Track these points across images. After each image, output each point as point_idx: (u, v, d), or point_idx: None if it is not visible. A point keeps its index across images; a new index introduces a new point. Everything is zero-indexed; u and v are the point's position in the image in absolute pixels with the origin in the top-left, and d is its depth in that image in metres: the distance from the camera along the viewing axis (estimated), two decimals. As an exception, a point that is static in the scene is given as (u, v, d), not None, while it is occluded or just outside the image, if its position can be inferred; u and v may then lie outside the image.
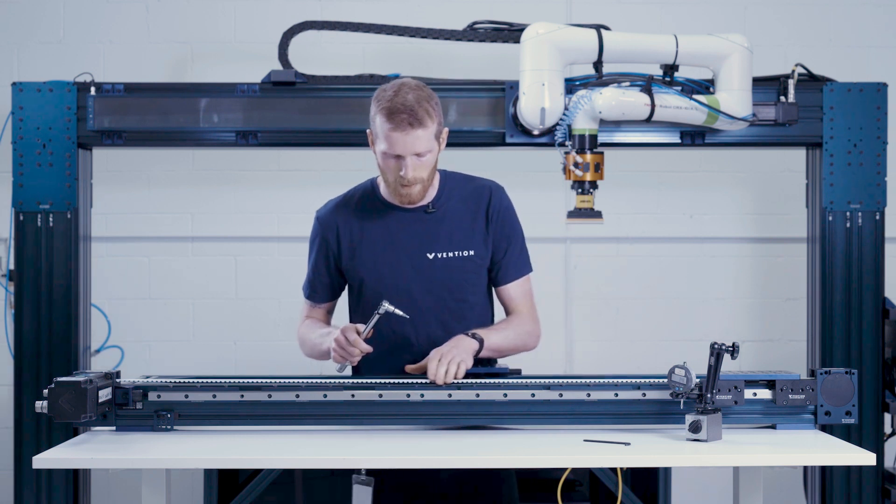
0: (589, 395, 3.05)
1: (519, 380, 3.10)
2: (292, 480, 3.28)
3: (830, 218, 4.32)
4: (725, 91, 4.15)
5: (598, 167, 4.11)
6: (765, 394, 3.06)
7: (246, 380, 3.08)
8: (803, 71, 4.32)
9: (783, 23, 5.16)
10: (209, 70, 5.07)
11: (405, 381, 3.08)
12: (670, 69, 4.17)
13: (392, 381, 3.08)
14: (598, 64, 4.13)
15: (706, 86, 4.22)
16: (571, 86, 4.15)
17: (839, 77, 4.45)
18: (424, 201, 3.30)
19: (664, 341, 5.17)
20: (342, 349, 3.12)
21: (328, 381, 3.08)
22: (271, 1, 5.11)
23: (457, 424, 3.06)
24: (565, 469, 2.98)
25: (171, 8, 5.11)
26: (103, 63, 5.02)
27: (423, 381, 3.06)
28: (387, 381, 3.07)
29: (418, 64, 4.87)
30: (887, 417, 4.37)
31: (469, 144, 4.27)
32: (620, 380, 3.08)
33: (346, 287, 3.44)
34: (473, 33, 4.36)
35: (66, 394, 2.83)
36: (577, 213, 4.15)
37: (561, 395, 3.05)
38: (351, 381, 3.07)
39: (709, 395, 2.91)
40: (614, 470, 2.88)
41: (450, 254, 3.29)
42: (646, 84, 4.08)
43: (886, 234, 4.36)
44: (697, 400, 2.92)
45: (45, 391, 2.85)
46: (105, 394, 2.96)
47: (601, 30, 4.12)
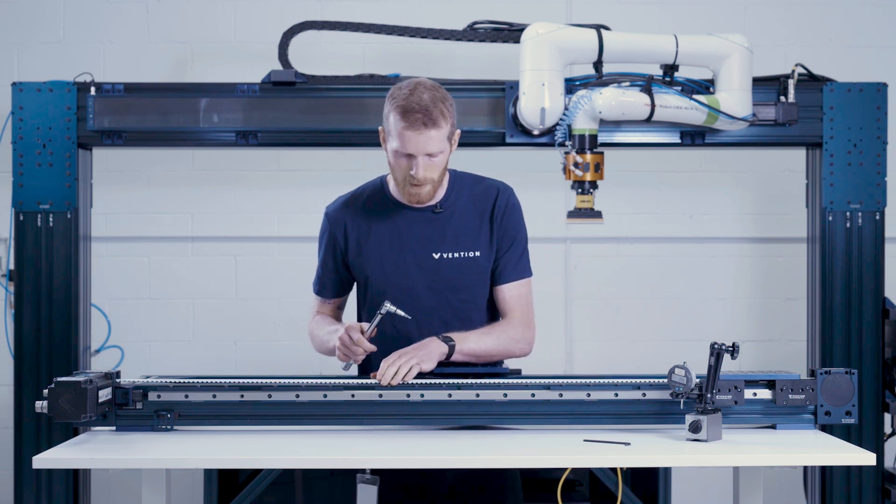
0: (589, 395, 3.05)
1: (519, 380, 3.09)
2: (292, 480, 3.27)
3: (830, 218, 4.32)
4: (725, 91, 4.15)
5: (598, 167, 4.11)
6: (765, 394, 3.06)
7: (246, 380, 3.07)
8: (803, 71, 4.32)
9: (783, 23, 5.16)
10: (209, 70, 5.07)
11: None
12: (670, 69, 4.17)
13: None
14: (598, 64, 4.13)
15: (706, 86, 4.22)
16: (571, 86, 4.15)
17: (839, 77, 4.45)
18: (433, 201, 3.30)
19: (664, 341, 5.17)
20: (346, 348, 3.13)
21: (328, 381, 3.07)
22: (271, 1, 5.11)
23: (457, 424, 3.05)
24: (565, 469, 2.98)
25: (171, 8, 5.11)
26: (103, 63, 5.02)
27: (424, 382, 3.05)
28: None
29: (418, 64, 4.87)
30: (887, 417, 4.37)
31: (469, 144, 4.26)
32: (620, 380, 3.07)
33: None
34: (473, 33, 4.36)
35: (66, 394, 2.83)
36: (577, 213, 4.15)
37: (561, 395, 3.05)
38: (351, 381, 3.07)
39: (709, 395, 2.90)
40: (614, 470, 2.88)
41: (456, 254, 3.28)
42: (646, 84, 4.08)
43: (886, 234, 4.36)
44: (697, 400, 2.92)
45: (45, 391, 2.84)
46: (105, 394, 2.96)
47: (601, 30, 4.12)
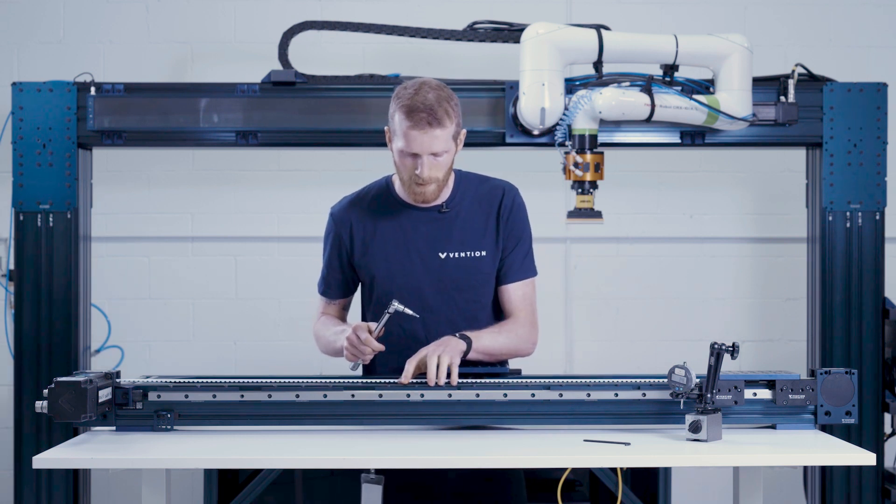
0: (589, 395, 3.05)
1: (519, 380, 3.10)
2: (292, 480, 3.27)
3: (830, 218, 4.32)
4: (725, 91, 4.15)
5: (598, 167, 4.11)
6: (765, 394, 3.06)
7: (246, 380, 3.07)
8: (803, 71, 4.32)
9: (783, 23, 5.16)
10: (209, 70, 5.07)
11: (413, 381, 3.07)
12: (670, 69, 4.17)
13: (392, 381, 3.07)
14: (598, 64, 4.13)
15: (706, 86, 4.22)
16: (571, 86, 4.15)
17: (839, 77, 4.45)
18: (438, 201, 3.30)
19: (664, 341, 5.17)
20: (354, 348, 3.13)
21: (328, 381, 3.07)
22: (271, 1, 5.11)
23: (457, 424, 3.06)
24: (565, 469, 2.98)
25: (171, 8, 5.10)
26: (103, 63, 5.02)
27: (423, 381, 3.06)
28: (387, 381, 3.07)
29: (418, 64, 4.87)
30: (887, 417, 4.37)
31: (469, 144, 4.23)
32: (620, 380, 3.07)
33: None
34: (473, 33, 4.36)
35: (66, 394, 2.83)
36: (577, 213, 4.15)
37: (561, 395, 3.05)
38: (351, 381, 3.07)
39: (709, 395, 2.90)
40: (614, 470, 2.88)
41: (461, 254, 3.28)
42: (646, 84, 4.08)
43: (886, 234, 4.36)
44: (697, 400, 2.92)
45: (45, 391, 2.84)
46: (105, 394, 2.96)
47: (601, 30, 4.12)
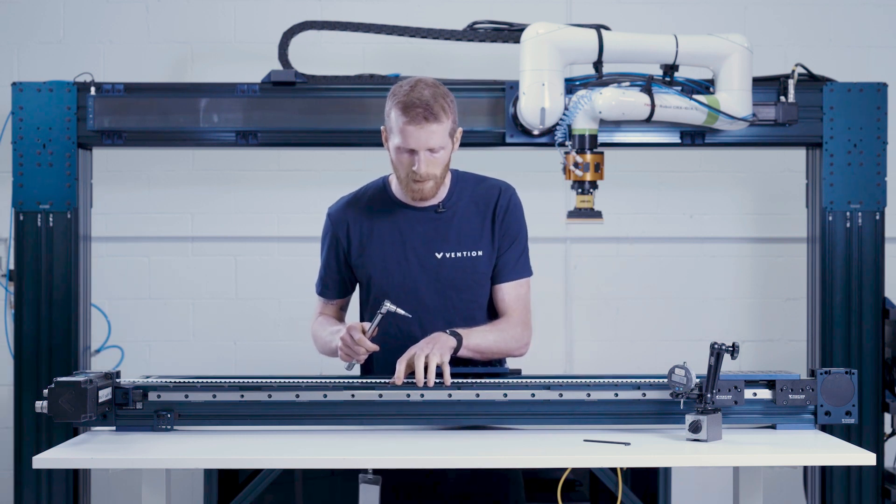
0: (589, 395, 3.05)
1: (519, 380, 3.09)
2: (292, 480, 3.27)
3: (830, 218, 4.32)
4: (725, 91, 4.15)
5: (598, 167, 4.11)
6: (765, 394, 3.06)
7: (246, 380, 3.07)
8: (803, 71, 4.32)
9: (783, 23, 5.15)
10: (209, 70, 5.07)
11: (405, 381, 3.08)
12: (670, 69, 4.17)
13: (388, 381, 3.07)
14: (598, 64, 4.13)
15: (706, 86, 4.22)
16: (571, 86, 4.15)
17: (839, 77, 4.45)
18: (435, 200, 3.30)
19: (664, 341, 5.17)
20: (348, 348, 3.13)
21: (328, 381, 3.07)
22: (271, 1, 5.11)
23: (457, 424, 3.06)
24: (565, 469, 2.98)
25: (171, 8, 5.10)
26: (103, 63, 5.02)
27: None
28: (386, 381, 3.07)
29: (418, 64, 4.87)
30: (887, 417, 4.37)
31: (469, 144, 4.25)
32: (620, 380, 3.07)
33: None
34: (473, 33, 4.36)
35: (66, 394, 2.83)
36: (577, 213, 4.15)
37: (561, 395, 3.05)
38: (351, 381, 3.07)
39: (709, 395, 2.90)
40: (614, 470, 2.88)
41: (458, 254, 3.29)
42: (646, 84, 4.08)
43: (886, 234, 4.36)
44: (697, 400, 2.92)
45: (45, 391, 2.84)
46: (105, 394, 2.96)
47: (601, 30, 4.12)
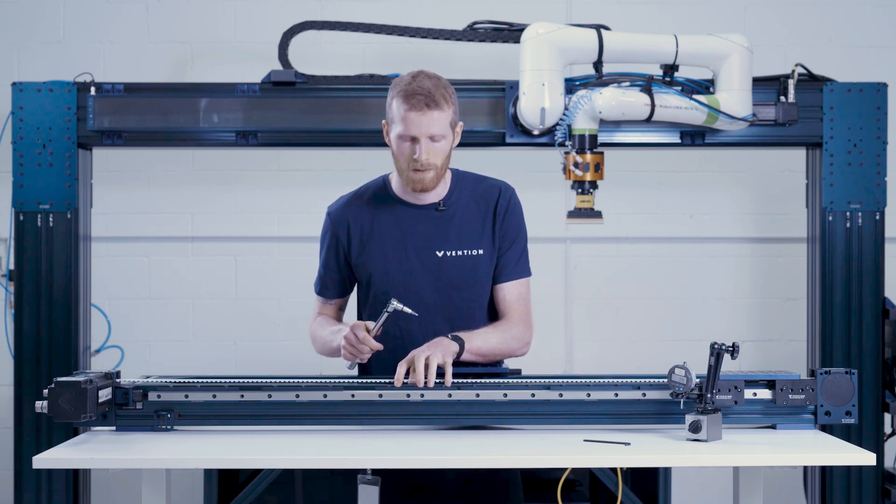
0: (589, 395, 3.05)
1: (519, 380, 3.09)
2: (292, 480, 3.27)
3: (830, 218, 4.32)
4: (725, 91, 4.15)
5: (598, 167, 4.11)
6: (765, 394, 3.06)
7: (246, 380, 3.07)
8: (803, 71, 4.32)
9: (783, 23, 5.16)
10: (209, 70, 5.07)
11: (405, 381, 3.08)
12: (670, 69, 4.17)
13: (392, 381, 3.07)
14: (598, 64, 4.13)
15: (706, 86, 4.22)
16: (571, 86, 4.15)
17: (839, 77, 4.45)
18: (436, 198, 3.31)
19: (664, 341, 5.17)
20: (352, 347, 3.13)
21: (328, 381, 3.07)
22: (271, 1, 5.11)
23: (457, 424, 3.05)
24: (565, 469, 2.98)
25: (171, 8, 5.10)
26: (103, 63, 5.02)
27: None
28: (386, 381, 3.06)
29: (418, 64, 4.81)
30: (887, 417, 4.37)
31: (469, 144, 4.26)
32: (620, 380, 3.07)
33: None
34: (473, 33, 4.36)
35: (66, 394, 2.83)
36: (577, 213, 4.15)
37: (561, 395, 3.04)
38: (351, 382, 3.07)
39: (709, 395, 2.90)
40: (614, 470, 2.88)
41: (459, 252, 3.29)
42: (646, 84, 4.08)
43: (886, 234, 4.36)
44: (697, 400, 2.92)
45: (45, 391, 2.84)
46: (105, 394, 2.96)
47: (601, 30, 4.12)
